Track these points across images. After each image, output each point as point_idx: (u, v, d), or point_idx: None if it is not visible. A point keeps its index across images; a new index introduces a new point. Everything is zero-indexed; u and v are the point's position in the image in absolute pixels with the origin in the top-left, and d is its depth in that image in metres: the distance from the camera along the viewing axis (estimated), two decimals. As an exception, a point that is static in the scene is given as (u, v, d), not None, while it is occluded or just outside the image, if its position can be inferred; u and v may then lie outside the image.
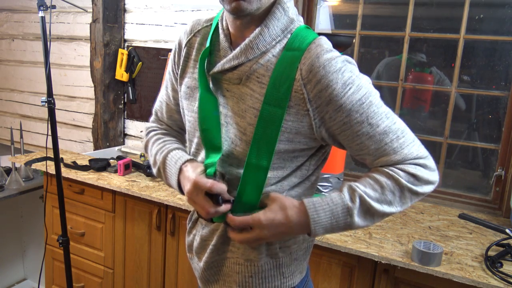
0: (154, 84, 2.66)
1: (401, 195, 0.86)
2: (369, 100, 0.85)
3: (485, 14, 1.91)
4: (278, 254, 0.96)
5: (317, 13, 2.22)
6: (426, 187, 0.88)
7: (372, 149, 0.87)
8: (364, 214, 0.86)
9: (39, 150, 3.15)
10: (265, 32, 0.87)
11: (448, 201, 1.98)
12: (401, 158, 0.86)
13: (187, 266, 1.88)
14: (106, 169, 2.14)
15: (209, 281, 1.03)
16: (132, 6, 2.70)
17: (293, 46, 0.87)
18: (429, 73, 2.06)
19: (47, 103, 1.67)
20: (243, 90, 0.90)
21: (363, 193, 0.85)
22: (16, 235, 2.90)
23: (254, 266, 0.96)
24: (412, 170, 0.86)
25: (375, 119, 0.85)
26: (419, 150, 0.88)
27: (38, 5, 1.61)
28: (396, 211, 0.88)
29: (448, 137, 2.02)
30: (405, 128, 0.88)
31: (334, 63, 0.83)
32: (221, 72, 0.92)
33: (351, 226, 0.86)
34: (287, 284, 0.99)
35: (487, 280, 1.26)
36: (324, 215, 0.85)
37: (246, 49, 0.88)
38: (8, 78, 3.36)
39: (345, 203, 0.84)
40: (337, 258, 1.51)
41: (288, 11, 0.89)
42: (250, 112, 0.88)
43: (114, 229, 2.05)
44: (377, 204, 0.85)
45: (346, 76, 0.83)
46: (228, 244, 0.98)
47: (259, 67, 0.88)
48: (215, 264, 1.00)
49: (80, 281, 2.22)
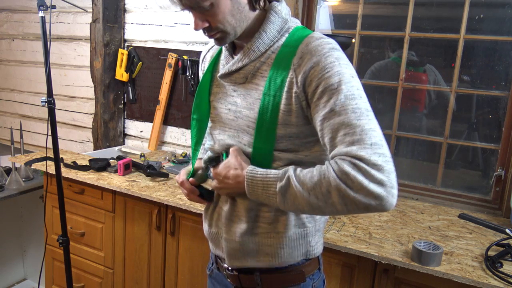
0: (154, 84, 2.66)
1: (327, 190, 0.83)
2: (341, 87, 0.86)
3: (485, 14, 1.91)
4: (306, 224, 1.04)
5: (317, 13, 2.22)
6: (359, 195, 0.79)
7: (330, 137, 0.86)
8: (289, 196, 0.88)
9: (39, 150, 3.15)
10: (263, 35, 0.98)
11: (448, 201, 1.98)
12: (346, 151, 0.82)
13: (187, 266, 1.88)
14: (106, 169, 2.14)
15: (238, 257, 1.07)
16: (132, 6, 2.70)
17: (290, 43, 0.97)
18: (422, 72, 2.06)
19: (47, 103, 1.67)
20: (249, 87, 1.01)
21: (294, 176, 0.88)
22: (16, 235, 2.90)
23: (284, 237, 1.03)
24: (346, 168, 0.80)
25: (340, 107, 0.85)
26: (371, 155, 0.80)
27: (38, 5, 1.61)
28: (323, 207, 0.84)
29: (448, 137, 2.02)
30: (370, 130, 0.83)
31: (320, 48, 0.91)
32: (228, 74, 1.03)
33: (279, 204, 0.90)
34: (313, 252, 1.07)
35: (487, 280, 1.26)
36: (257, 184, 0.93)
37: (248, 52, 1.00)
38: (8, 78, 3.36)
39: (276, 179, 0.90)
40: (337, 258, 1.51)
41: (281, 13, 0.99)
42: (257, 104, 0.98)
43: (114, 229, 2.05)
44: (302, 190, 0.85)
45: (328, 60, 0.89)
46: (258, 221, 1.04)
47: (262, 65, 1.00)
48: (246, 240, 1.04)
49: (80, 281, 2.22)
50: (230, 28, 0.95)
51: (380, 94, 2.17)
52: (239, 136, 1.03)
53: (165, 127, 2.68)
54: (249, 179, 0.94)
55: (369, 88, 2.17)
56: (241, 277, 1.09)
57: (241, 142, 1.03)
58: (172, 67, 2.53)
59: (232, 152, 1.01)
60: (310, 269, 1.08)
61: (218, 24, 0.94)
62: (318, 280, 1.11)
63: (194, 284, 1.87)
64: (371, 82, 2.15)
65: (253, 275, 1.07)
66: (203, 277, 1.83)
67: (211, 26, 0.95)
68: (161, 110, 2.61)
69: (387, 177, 0.80)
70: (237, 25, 0.96)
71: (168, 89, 2.57)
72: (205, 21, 0.95)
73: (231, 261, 1.08)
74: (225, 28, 0.95)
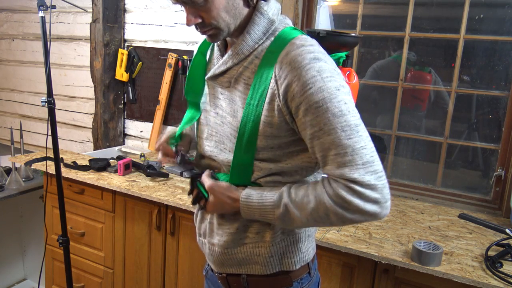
0: (154, 84, 2.66)
1: (326, 214, 0.87)
2: (326, 105, 0.83)
3: (485, 14, 1.91)
4: (295, 231, 1.03)
5: (317, 13, 2.22)
6: (357, 216, 0.84)
7: (321, 155, 0.87)
8: (288, 220, 0.92)
9: (39, 150, 3.15)
10: (247, 38, 0.94)
11: (448, 201, 1.98)
12: (339, 174, 0.84)
13: (187, 266, 1.88)
14: (106, 169, 2.14)
15: (228, 265, 1.07)
16: (132, 6, 2.70)
17: (273, 48, 0.92)
18: (428, 72, 2.06)
19: (47, 103, 1.67)
20: (233, 92, 0.98)
21: (291, 202, 0.90)
22: (16, 235, 2.90)
23: (273, 245, 1.01)
24: (341, 193, 0.83)
25: (328, 126, 0.84)
26: (363, 176, 0.82)
27: (38, 5, 1.61)
28: (324, 225, 0.93)
29: (448, 137, 2.02)
30: (360, 148, 0.83)
31: (300, 59, 0.85)
32: (214, 77, 1.00)
33: (279, 225, 0.96)
34: (304, 259, 1.05)
35: (487, 280, 1.26)
36: (253, 212, 0.95)
37: (232, 55, 0.96)
38: (8, 78, 3.36)
39: (273, 207, 0.92)
40: (337, 258, 1.51)
41: (267, 14, 0.94)
42: (240, 112, 0.95)
43: (114, 229, 2.05)
44: (300, 216, 0.89)
45: (309, 75, 0.84)
46: (246, 231, 1.02)
47: (245, 70, 0.96)
48: (235, 251, 1.04)
49: (80, 281, 2.22)
50: (224, 25, 0.91)
51: (380, 93, 2.18)
52: (223, 142, 1.01)
53: (165, 127, 2.67)
54: (244, 207, 0.95)
55: (369, 88, 2.17)
56: (229, 279, 1.09)
57: (225, 149, 1.00)
58: (172, 67, 2.53)
59: (208, 188, 0.99)
60: (298, 273, 1.05)
61: (212, 20, 0.90)
62: (308, 284, 1.08)
63: (194, 284, 1.87)
64: (371, 82, 2.15)
65: (240, 278, 1.06)
66: (203, 277, 1.83)
67: (205, 22, 0.91)
68: (161, 110, 2.61)
69: (380, 194, 0.84)
70: (231, 21, 0.92)
71: (168, 89, 2.57)
72: (198, 16, 0.90)
73: (222, 268, 1.08)
74: (219, 25, 0.91)
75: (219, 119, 1.01)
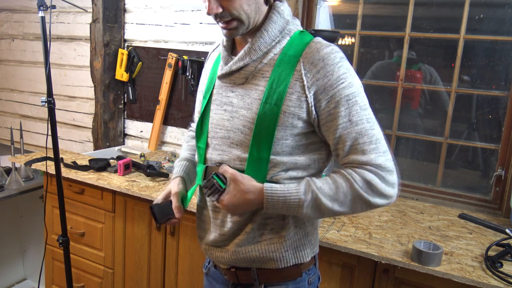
0: (154, 84, 2.66)
1: (352, 199, 0.93)
2: (356, 99, 0.94)
3: (485, 14, 1.91)
4: (305, 224, 1.06)
5: (317, 13, 2.21)
6: (379, 199, 0.94)
7: (347, 145, 0.95)
8: (313, 208, 0.94)
9: (39, 150, 3.15)
10: (265, 35, 0.98)
11: (448, 201, 1.98)
12: (366, 161, 0.93)
13: (187, 266, 1.88)
14: (106, 169, 2.14)
15: (237, 263, 1.08)
16: (132, 6, 2.70)
17: (293, 46, 0.98)
18: (417, 69, 2.06)
19: (47, 103, 1.67)
20: (248, 87, 1.00)
21: (317, 189, 0.93)
22: (16, 235, 2.90)
23: (287, 240, 1.04)
24: (368, 177, 0.92)
25: (356, 117, 0.94)
26: (385, 162, 0.94)
27: (38, 5, 1.60)
28: (346, 212, 0.96)
29: (448, 137, 2.02)
30: (381, 138, 0.96)
31: (332, 57, 0.94)
32: (229, 73, 1.02)
33: (300, 215, 0.96)
34: (313, 250, 1.10)
35: (487, 280, 1.26)
36: (277, 201, 0.94)
37: (249, 51, 0.99)
38: (8, 78, 3.36)
39: (298, 195, 0.93)
40: (337, 258, 1.51)
41: (283, 14, 1.00)
42: (256, 103, 0.98)
43: (114, 229, 2.05)
44: (328, 201, 0.93)
45: (341, 71, 0.94)
46: (261, 229, 1.04)
47: (263, 66, 0.99)
48: (250, 249, 1.05)
49: (80, 281, 2.22)
50: (245, 17, 0.94)
51: (380, 94, 2.17)
52: (229, 137, 1.01)
53: (165, 127, 2.68)
54: (269, 196, 0.94)
55: (369, 88, 2.17)
56: (238, 273, 1.09)
57: (233, 143, 1.01)
58: (172, 67, 2.53)
59: (230, 177, 0.96)
60: (307, 264, 1.09)
61: (234, 11, 0.93)
62: (314, 275, 1.13)
63: (194, 284, 1.87)
64: (372, 82, 2.15)
65: (250, 271, 1.07)
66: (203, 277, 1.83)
67: (226, 11, 0.93)
68: (161, 110, 2.61)
69: (396, 178, 0.96)
70: (252, 15, 0.95)
71: (168, 89, 2.57)
72: (220, 6, 0.93)
73: (232, 265, 1.09)
74: (240, 16, 0.94)
75: (227, 114, 1.03)
